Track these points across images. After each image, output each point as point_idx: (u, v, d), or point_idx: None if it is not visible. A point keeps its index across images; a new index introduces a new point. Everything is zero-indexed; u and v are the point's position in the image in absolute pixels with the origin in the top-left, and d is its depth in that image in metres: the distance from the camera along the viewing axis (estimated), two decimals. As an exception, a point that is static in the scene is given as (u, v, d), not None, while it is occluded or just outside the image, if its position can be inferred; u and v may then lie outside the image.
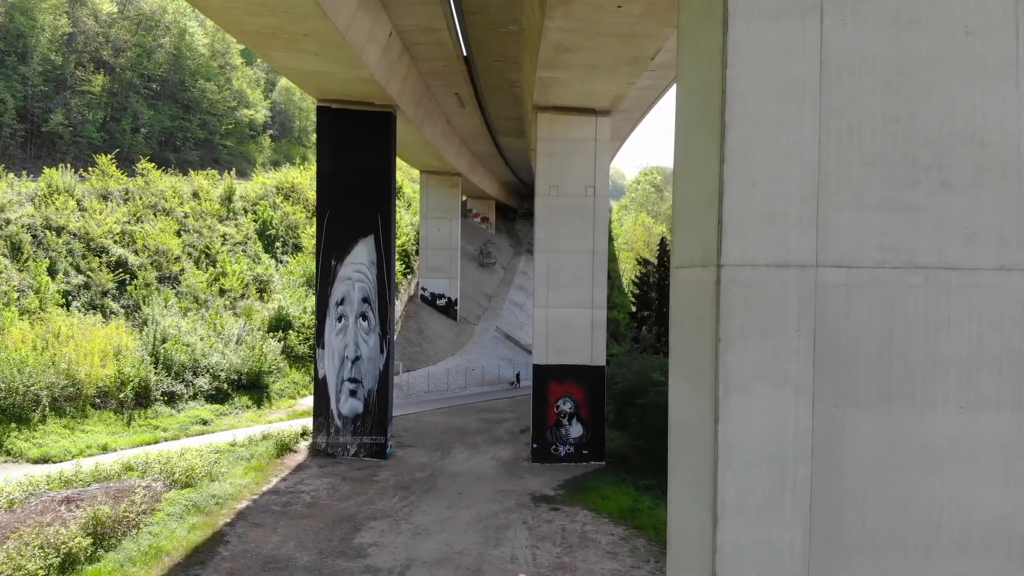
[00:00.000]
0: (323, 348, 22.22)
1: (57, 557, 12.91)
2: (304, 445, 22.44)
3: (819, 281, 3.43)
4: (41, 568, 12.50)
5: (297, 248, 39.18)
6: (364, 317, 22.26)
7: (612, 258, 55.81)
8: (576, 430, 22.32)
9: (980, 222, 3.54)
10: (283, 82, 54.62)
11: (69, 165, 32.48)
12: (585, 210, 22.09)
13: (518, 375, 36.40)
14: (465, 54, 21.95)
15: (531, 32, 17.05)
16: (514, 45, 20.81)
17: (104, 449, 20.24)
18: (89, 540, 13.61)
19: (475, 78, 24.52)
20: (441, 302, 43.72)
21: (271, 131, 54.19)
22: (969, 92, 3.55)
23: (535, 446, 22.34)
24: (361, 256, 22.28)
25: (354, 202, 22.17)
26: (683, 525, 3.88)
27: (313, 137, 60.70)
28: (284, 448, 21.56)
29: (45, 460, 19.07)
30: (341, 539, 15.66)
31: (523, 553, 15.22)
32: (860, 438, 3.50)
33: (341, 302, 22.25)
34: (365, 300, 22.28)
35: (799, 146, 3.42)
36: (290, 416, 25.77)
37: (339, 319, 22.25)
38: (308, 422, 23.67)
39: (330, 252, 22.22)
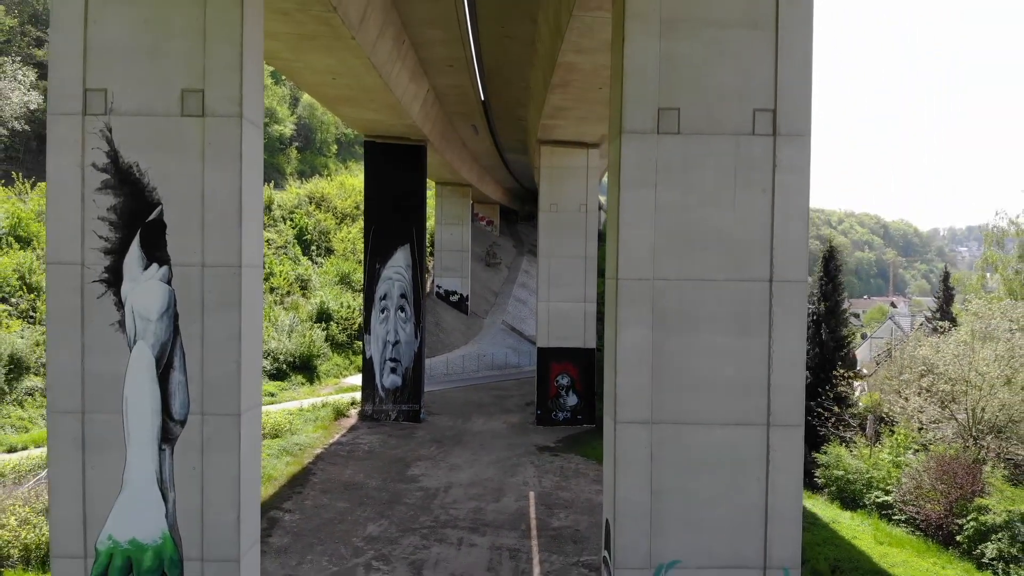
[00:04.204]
0: (369, 334, 27.76)
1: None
2: (355, 412, 28.01)
3: (654, 285, 8.86)
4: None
5: (329, 251, 44.70)
6: (402, 309, 27.81)
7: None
8: (572, 400, 27.86)
9: (715, 263, 9.07)
10: (306, 98, 59.99)
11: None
12: (579, 224, 27.61)
13: None
14: (483, 99, 27.44)
15: (536, 96, 22.58)
16: (523, 93, 26.30)
17: (201, 413, 25.77)
18: (225, 465, 19.15)
19: (489, 114, 29.98)
20: (454, 298, 49.22)
21: (296, 143, 59.60)
22: (717, 215, 8.99)
23: (538, 412, 27.90)
24: (399, 260, 27.82)
25: (394, 217, 27.68)
26: (608, 380, 9.47)
27: (334, 147, 66.40)
28: (340, 413, 27.15)
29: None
30: (397, 472, 21.22)
31: (532, 480, 20.79)
32: (671, 345, 8.93)
33: (384, 297, 27.79)
34: (403, 296, 27.83)
35: (647, 236, 8.92)
36: (338, 391, 31.35)
37: (382, 311, 27.79)
38: (355, 395, 29.22)
39: (375, 258, 27.76)
